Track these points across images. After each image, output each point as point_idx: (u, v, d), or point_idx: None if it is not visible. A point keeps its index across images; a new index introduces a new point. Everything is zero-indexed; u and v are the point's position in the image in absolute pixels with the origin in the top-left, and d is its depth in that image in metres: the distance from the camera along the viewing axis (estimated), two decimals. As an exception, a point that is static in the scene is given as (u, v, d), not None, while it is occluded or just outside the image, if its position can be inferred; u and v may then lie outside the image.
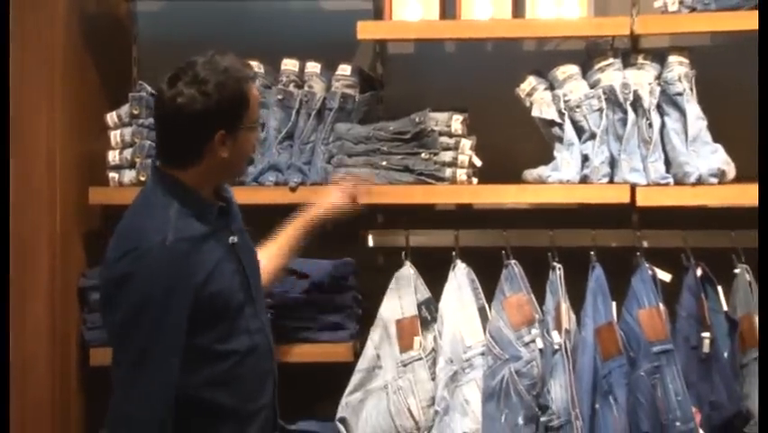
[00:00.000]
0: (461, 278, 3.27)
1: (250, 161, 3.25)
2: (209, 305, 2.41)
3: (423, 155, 3.27)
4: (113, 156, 3.43)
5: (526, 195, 3.30)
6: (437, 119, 3.29)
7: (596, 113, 3.24)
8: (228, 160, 2.48)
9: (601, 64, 3.27)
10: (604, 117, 3.24)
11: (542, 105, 3.28)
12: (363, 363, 3.27)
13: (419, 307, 3.27)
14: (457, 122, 3.28)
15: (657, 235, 3.30)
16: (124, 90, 3.48)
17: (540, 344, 3.18)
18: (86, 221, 3.46)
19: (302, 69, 3.40)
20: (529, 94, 3.30)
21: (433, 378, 3.22)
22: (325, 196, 3.08)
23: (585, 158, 3.25)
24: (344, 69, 3.37)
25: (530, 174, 3.31)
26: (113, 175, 3.42)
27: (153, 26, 3.72)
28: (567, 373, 3.12)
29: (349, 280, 3.38)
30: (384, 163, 3.28)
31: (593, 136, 3.24)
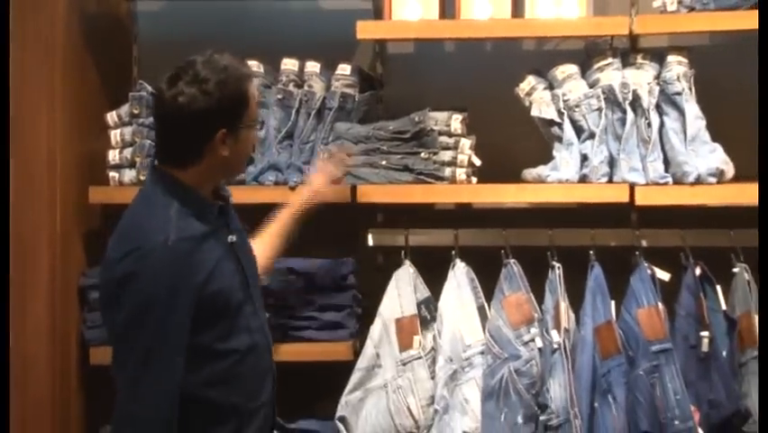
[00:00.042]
0: (460, 277, 3.27)
1: (249, 161, 3.26)
2: (210, 304, 2.41)
3: (422, 155, 3.28)
4: (113, 155, 3.43)
5: (526, 194, 3.30)
6: (437, 119, 3.29)
7: (595, 112, 3.25)
8: (229, 158, 2.48)
9: (600, 64, 3.27)
10: (603, 117, 3.24)
11: (541, 104, 3.28)
12: (363, 361, 3.27)
13: (419, 306, 3.27)
14: (456, 121, 3.29)
15: (656, 235, 3.30)
16: (125, 90, 3.48)
17: (539, 343, 3.17)
18: (86, 220, 3.46)
19: (302, 69, 3.40)
20: (528, 93, 3.30)
21: (432, 377, 3.21)
22: (309, 182, 3.11)
23: (584, 157, 3.26)
24: (344, 69, 3.38)
25: (529, 174, 3.31)
26: (113, 174, 3.42)
27: (153, 26, 3.72)
28: (566, 372, 3.12)
29: (349, 279, 3.38)
30: (384, 163, 3.29)
31: (592, 136, 3.24)
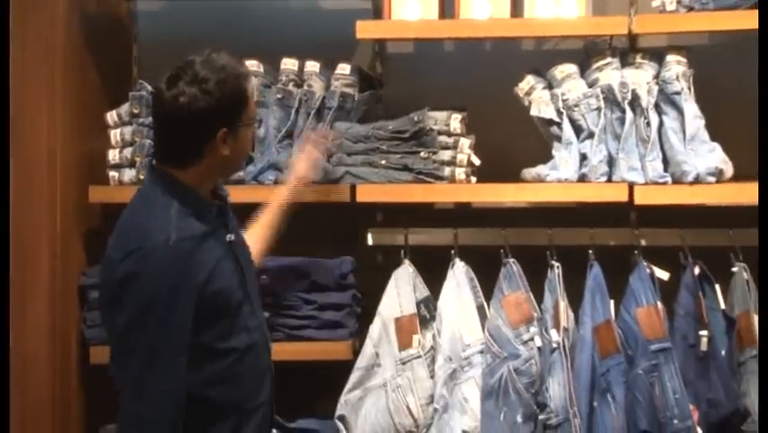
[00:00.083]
0: (459, 276, 3.27)
1: (249, 160, 3.26)
2: (211, 303, 2.41)
3: (422, 154, 3.28)
4: (113, 155, 3.43)
5: (525, 194, 3.31)
6: (436, 118, 3.29)
7: (594, 112, 3.25)
8: (228, 157, 2.48)
9: (599, 63, 3.27)
10: (602, 116, 3.24)
11: (540, 104, 3.29)
12: (362, 361, 3.27)
13: (418, 305, 3.28)
14: (456, 121, 3.29)
15: (655, 234, 3.30)
16: (125, 89, 3.48)
17: (538, 342, 3.18)
18: (86, 220, 3.46)
19: (301, 69, 3.40)
20: (528, 93, 3.30)
21: (431, 376, 3.22)
22: (293, 169, 3.12)
23: (583, 157, 3.26)
24: (344, 69, 3.38)
25: (528, 173, 3.31)
26: (113, 174, 3.42)
27: (153, 25, 3.72)
28: (565, 372, 3.12)
29: (348, 278, 3.38)
30: (383, 162, 3.29)
31: (591, 135, 3.24)
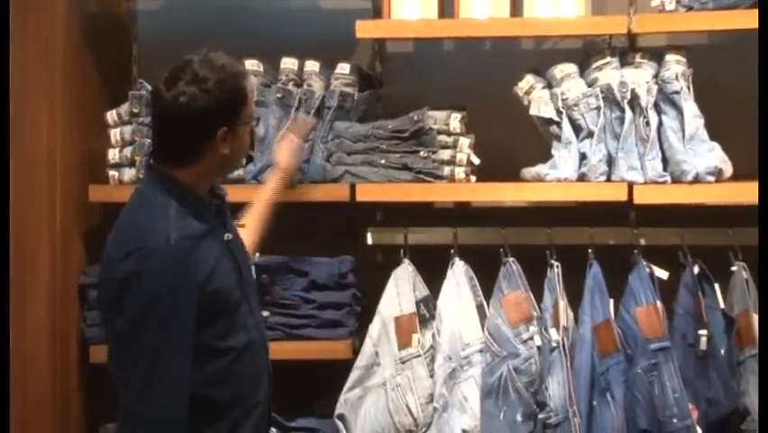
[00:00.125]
0: (459, 275, 3.27)
1: (249, 159, 3.26)
2: (211, 302, 2.40)
3: (421, 153, 3.28)
4: (113, 154, 3.43)
5: (524, 193, 3.31)
6: (436, 117, 3.30)
7: (593, 111, 3.25)
8: (228, 156, 2.48)
9: (599, 63, 3.27)
10: (601, 116, 3.25)
11: (540, 103, 3.29)
12: (362, 360, 3.28)
13: (418, 304, 3.28)
14: (455, 120, 3.29)
15: (654, 233, 3.31)
16: (124, 88, 3.48)
17: (538, 341, 3.18)
18: (86, 219, 3.47)
19: (301, 68, 3.40)
20: (527, 92, 3.31)
21: (431, 375, 3.22)
22: (276, 160, 3.13)
23: (583, 156, 3.26)
24: (343, 68, 3.38)
25: (528, 172, 3.32)
26: (113, 173, 3.43)
27: (153, 25, 3.72)
28: (565, 371, 3.13)
29: (348, 277, 3.39)
30: (383, 161, 3.29)
31: (591, 134, 3.25)
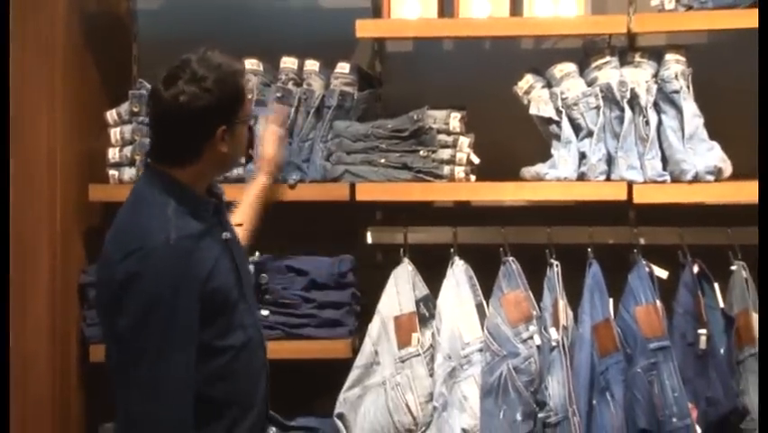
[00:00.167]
0: (459, 275, 3.28)
1: (249, 158, 3.26)
2: (210, 301, 2.41)
3: (421, 153, 3.28)
4: (113, 153, 3.44)
5: (524, 192, 3.31)
6: (435, 117, 3.30)
7: (593, 110, 3.25)
8: (227, 154, 2.49)
9: (598, 62, 3.27)
10: (601, 115, 3.25)
11: (539, 102, 3.29)
12: (361, 359, 3.28)
13: (417, 303, 3.28)
14: (455, 119, 3.29)
15: (654, 232, 3.31)
16: (124, 88, 3.49)
17: (538, 340, 3.18)
18: (86, 218, 3.47)
19: (301, 67, 3.40)
20: (527, 92, 3.31)
21: (431, 374, 3.22)
22: (261, 154, 3.12)
23: (582, 155, 3.26)
24: (343, 67, 3.38)
25: (528, 172, 3.32)
26: (113, 172, 3.43)
27: (153, 24, 3.72)
28: (564, 370, 3.13)
29: (347, 276, 3.39)
30: (382, 161, 3.29)
31: (590, 134, 3.25)
